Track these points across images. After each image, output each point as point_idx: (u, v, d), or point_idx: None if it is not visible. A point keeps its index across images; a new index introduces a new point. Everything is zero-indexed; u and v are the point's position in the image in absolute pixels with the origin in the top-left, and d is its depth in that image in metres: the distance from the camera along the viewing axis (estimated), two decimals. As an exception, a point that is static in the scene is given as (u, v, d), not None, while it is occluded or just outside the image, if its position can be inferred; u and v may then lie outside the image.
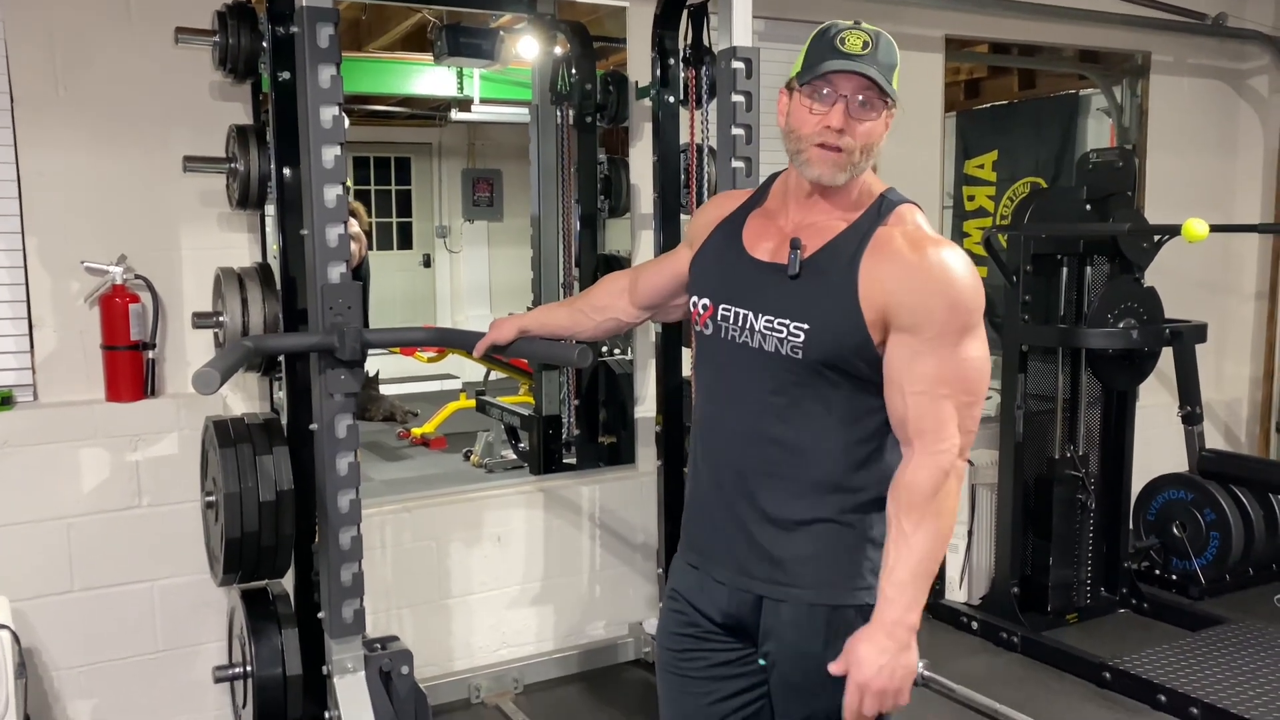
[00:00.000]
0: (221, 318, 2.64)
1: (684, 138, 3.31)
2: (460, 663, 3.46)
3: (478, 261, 8.96)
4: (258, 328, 2.61)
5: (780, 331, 1.58)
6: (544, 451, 4.16)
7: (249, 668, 2.52)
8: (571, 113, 4.06)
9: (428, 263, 9.01)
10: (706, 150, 3.28)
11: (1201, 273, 4.90)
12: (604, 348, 3.93)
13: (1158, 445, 4.39)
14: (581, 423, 4.09)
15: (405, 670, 2.50)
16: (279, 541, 2.44)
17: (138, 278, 2.86)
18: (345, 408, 2.37)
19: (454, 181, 8.76)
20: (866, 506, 1.61)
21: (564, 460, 4.15)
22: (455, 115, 7.02)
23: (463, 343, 2.33)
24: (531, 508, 3.58)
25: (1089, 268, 3.93)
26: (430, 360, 6.75)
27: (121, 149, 2.88)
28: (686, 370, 3.32)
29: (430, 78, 6.21)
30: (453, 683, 3.39)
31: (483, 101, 6.19)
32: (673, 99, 3.26)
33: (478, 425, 5.34)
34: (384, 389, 6.54)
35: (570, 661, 3.60)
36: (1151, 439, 4.32)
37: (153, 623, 2.94)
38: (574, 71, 3.96)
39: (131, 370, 2.85)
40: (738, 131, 2.69)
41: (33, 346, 2.84)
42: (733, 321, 1.65)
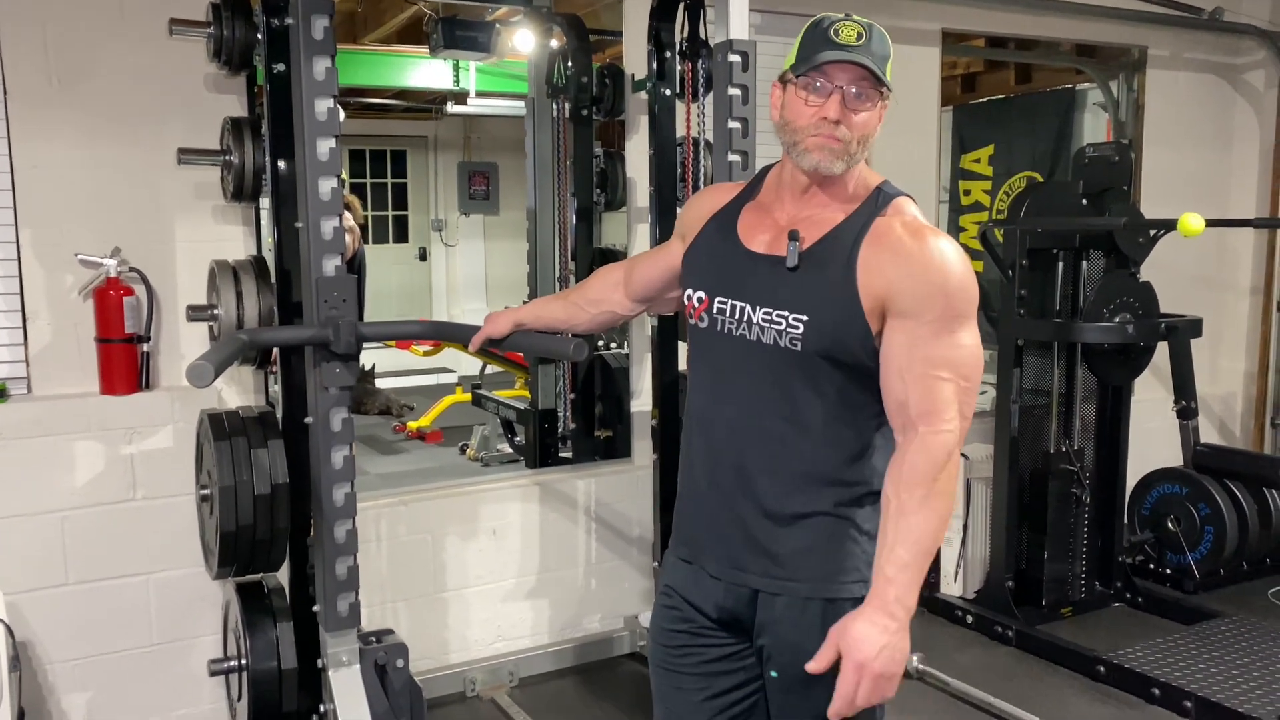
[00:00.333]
0: (216, 311, 2.63)
1: (680, 131, 3.31)
2: (455, 656, 3.46)
3: (473, 255, 8.97)
4: (252, 321, 2.61)
5: (779, 323, 1.58)
6: (540, 445, 4.16)
7: (244, 661, 2.52)
8: (568, 106, 4.05)
9: (423, 256, 9.01)
10: (703, 143, 3.27)
11: (1197, 267, 4.91)
12: (600, 341, 3.93)
13: (1153, 440, 4.40)
14: (577, 417, 4.09)
15: (400, 663, 2.50)
16: (274, 535, 2.44)
17: (132, 270, 2.86)
18: (340, 401, 2.36)
19: (450, 175, 8.76)
20: (861, 500, 1.61)
21: (560, 454, 4.15)
22: (451, 108, 7.00)
23: (458, 336, 2.32)
24: (527, 501, 3.58)
25: (1085, 262, 3.93)
26: (426, 354, 6.75)
27: (115, 141, 2.87)
28: (682, 364, 3.31)
29: (426, 70, 6.20)
30: (448, 676, 3.39)
31: (478, 94, 6.19)
32: (669, 92, 3.25)
33: (473, 419, 5.35)
34: (380, 383, 6.54)
35: (565, 655, 3.60)
36: (1146, 433, 4.34)
37: (148, 616, 2.94)
38: (570, 64, 3.96)
39: (126, 363, 2.84)
40: (734, 125, 2.69)
41: (27, 339, 2.83)
42: (729, 314, 1.64)
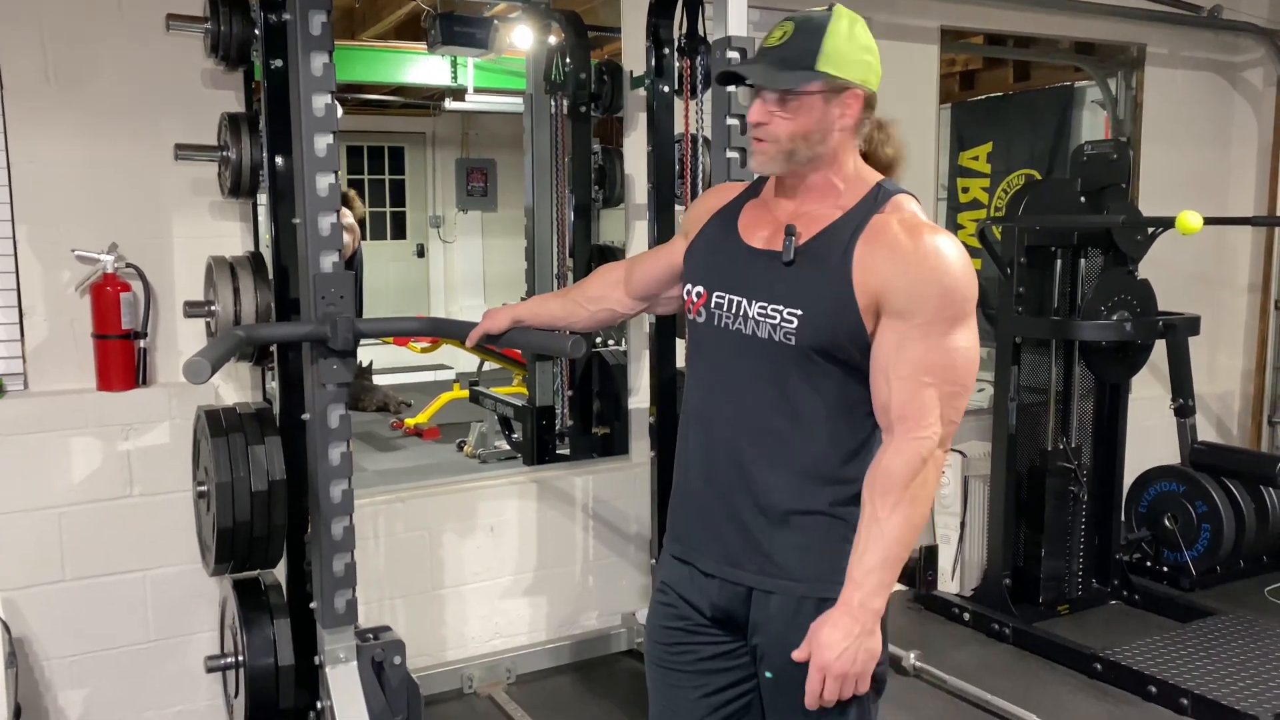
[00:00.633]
0: (213, 307, 2.63)
1: (679, 127, 3.30)
2: (453, 653, 3.46)
3: (471, 251, 8.96)
4: (250, 317, 2.61)
5: (773, 318, 1.57)
6: (537, 442, 4.16)
7: (241, 658, 2.51)
8: (566, 102, 4.04)
9: (421, 252, 9.00)
10: (701, 140, 3.27)
11: (1195, 265, 4.91)
12: (598, 338, 3.92)
13: (1150, 437, 4.40)
14: (575, 414, 4.09)
15: (398, 660, 2.50)
16: (271, 531, 2.43)
17: (129, 266, 2.85)
18: (338, 398, 2.36)
19: (448, 171, 8.75)
20: (856, 499, 1.60)
21: (557, 451, 4.15)
22: (449, 104, 6.99)
23: (456, 333, 2.32)
24: (525, 498, 3.57)
25: (1083, 260, 3.93)
26: (424, 351, 6.74)
27: (112, 137, 2.86)
28: (680, 361, 3.31)
29: (424, 66, 6.18)
30: (445, 673, 3.39)
31: (477, 91, 6.17)
32: (667, 89, 3.24)
33: (471, 416, 5.34)
34: (377, 379, 6.55)
35: (563, 652, 3.60)
36: (1144, 431, 4.34)
37: (144, 612, 2.94)
38: (568, 61, 3.95)
39: (123, 359, 2.84)
40: (732, 122, 2.69)
41: (23, 335, 2.82)
42: (726, 308, 1.64)
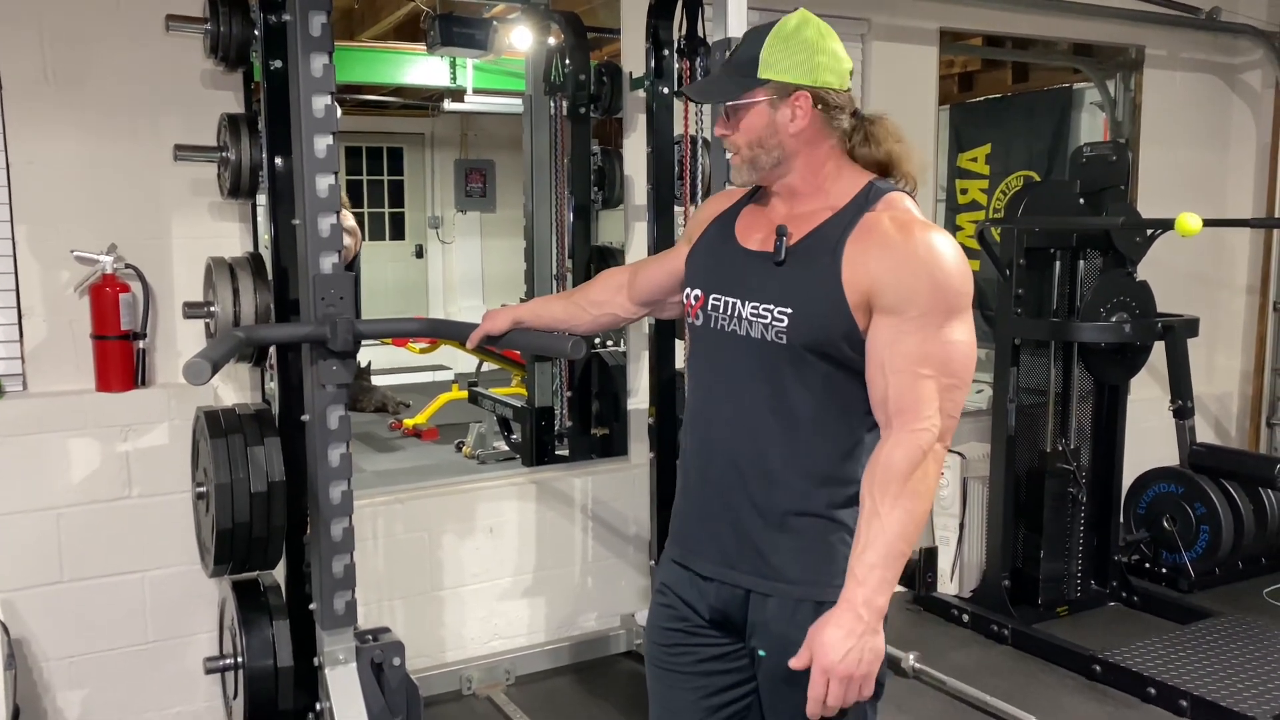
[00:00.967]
0: (213, 308, 2.62)
1: (678, 129, 3.30)
2: (452, 654, 3.46)
3: (470, 252, 8.95)
4: (249, 318, 2.60)
5: (765, 317, 1.58)
6: (536, 443, 4.16)
7: (240, 659, 2.51)
8: (565, 103, 4.04)
9: (420, 253, 9.00)
10: (701, 142, 3.27)
11: (1193, 266, 4.91)
12: (597, 340, 3.92)
13: (1149, 439, 4.40)
14: (574, 415, 4.09)
15: (397, 662, 2.49)
16: (270, 533, 2.43)
17: (128, 267, 2.85)
18: (337, 399, 2.35)
19: (447, 172, 8.74)
20: (851, 500, 1.59)
21: (556, 452, 4.15)
22: (448, 105, 6.99)
23: (456, 334, 2.32)
24: (524, 499, 3.57)
25: (1082, 261, 3.94)
26: (422, 351, 6.74)
27: (111, 137, 2.86)
28: (680, 363, 3.31)
29: (423, 67, 6.18)
30: (444, 674, 3.39)
31: (476, 92, 6.17)
32: (667, 90, 3.24)
33: (470, 416, 5.34)
34: (376, 380, 6.53)
35: (562, 653, 3.60)
36: (1143, 432, 4.34)
37: (143, 613, 2.93)
38: (568, 62, 3.95)
39: (122, 360, 2.83)
40: (732, 123, 2.68)
41: (22, 336, 2.82)
42: (722, 310, 1.65)
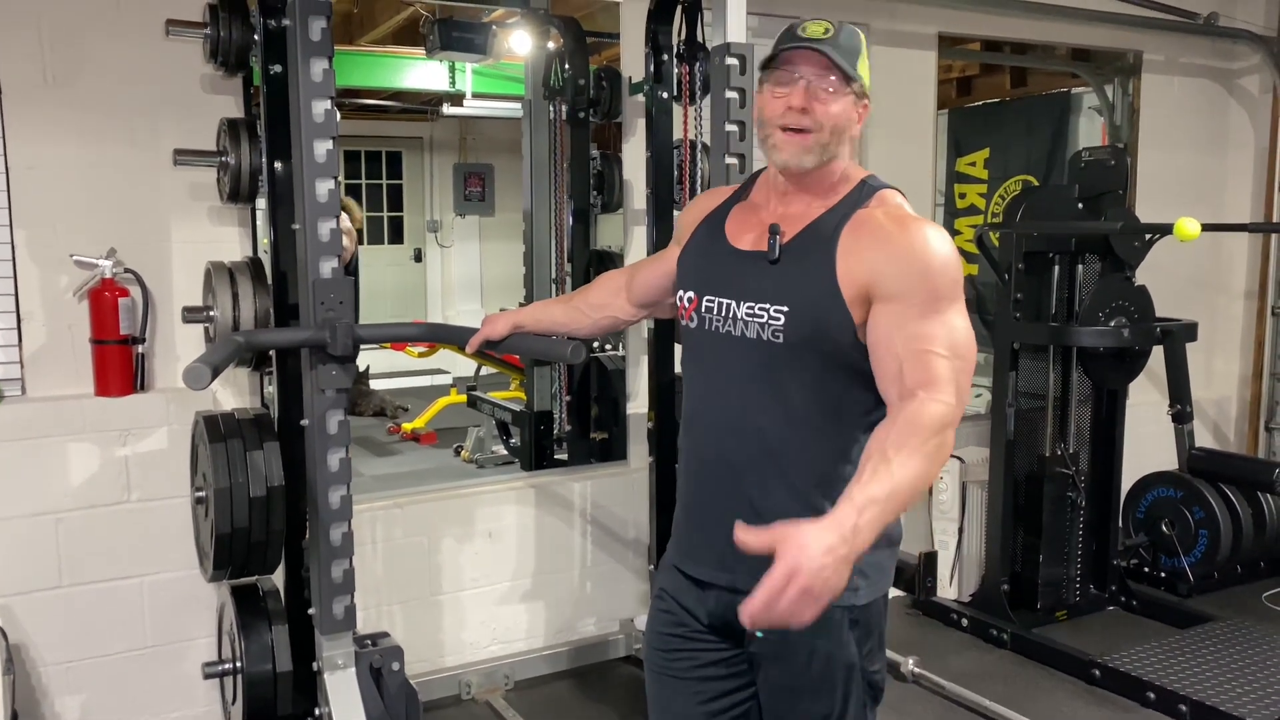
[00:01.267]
0: (212, 312, 2.62)
1: (677, 134, 3.31)
2: (451, 659, 3.45)
3: (469, 256, 8.96)
4: (248, 322, 2.60)
5: (761, 316, 1.58)
6: (535, 447, 4.16)
7: (239, 664, 2.51)
8: (564, 108, 4.04)
9: (419, 257, 9.00)
10: (700, 146, 3.27)
11: (1192, 271, 4.92)
12: (596, 343, 3.92)
13: (1147, 443, 4.40)
14: (573, 419, 4.09)
15: (396, 666, 2.50)
16: (269, 537, 2.43)
17: (127, 271, 2.85)
18: (336, 403, 2.36)
19: (445, 176, 8.74)
20: None
21: (555, 456, 4.15)
22: (447, 109, 7.00)
23: (456, 338, 2.32)
24: (523, 504, 3.57)
25: (1080, 266, 3.94)
26: (421, 355, 6.73)
27: (111, 141, 2.86)
28: (679, 366, 3.31)
29: (422, 72, 6.19)
30: (443, 679, 3.38)
31: (475, 96, 6.18)
32: (666, 95, 3.25)
33: (468, 420, 5.33)
34: (374, 384, 6.53)
35: (561, 658, 3.59)
36: (1141, 437, 4.34)
37: (142, 618, 2.93)
38: (567, 67, 3.95)
39: (121, 364, 2.83)
40: (731, 128, 2.69)
41: (21, 340, 2.82)
42: (716, 312, 1.64)
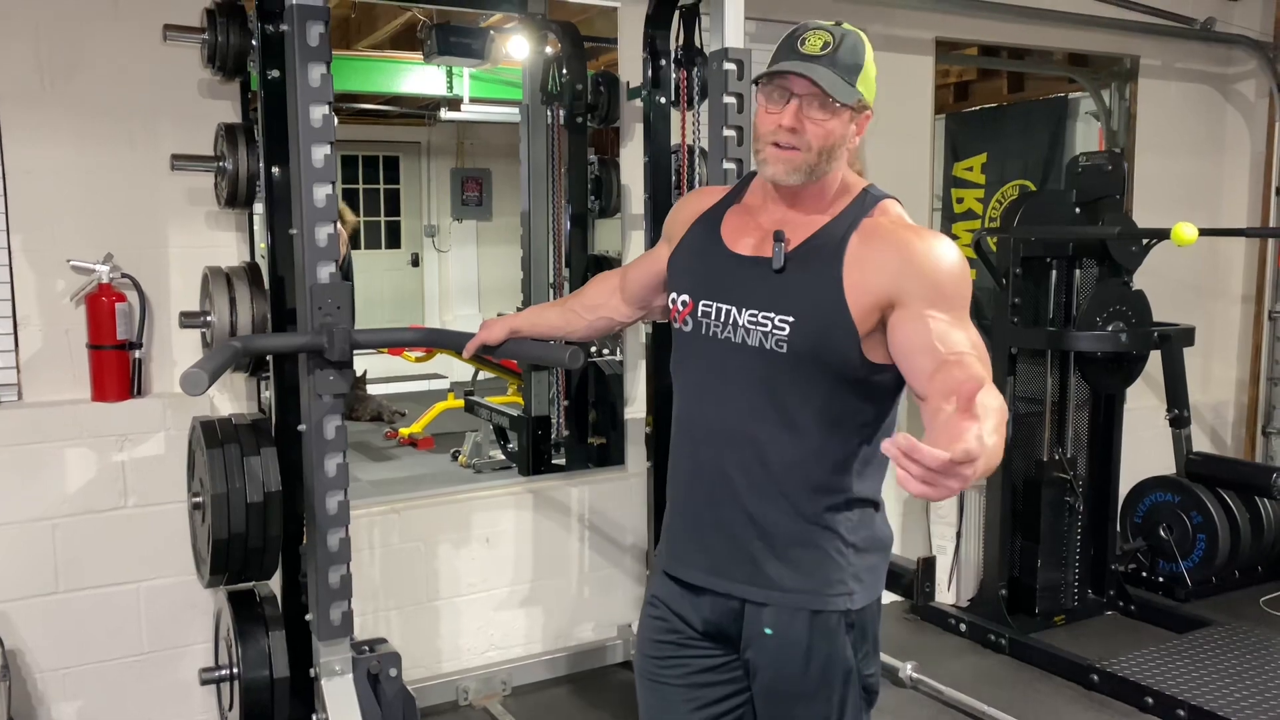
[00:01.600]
0: (209, 317, 2.61)
1: (675, 138, 3.31)
2: (448, 665, 3.44)
3: (466, 261, 8.96)
4: (246, 328, 2.60)
5: (765, 325, 1.56)
6: (533, 452, 4.15)
7: (236, 670, 2.50)
8: (562, 113, 4.05)
9: (416, 262, 9.00)
10: (698, 151, 3.27)
11: (1189, 276, 4.92)
12: (593, 348, 3.92)
13: (1145, 448, 4.41)
14: (571, 424, 4.08)
15: (393, 672, 2.49)
16: (266, 543, 2.42)
17: (124, 276, 2.84)
18: (334, 409, 2.35)
19: (443, 180, 8.75)
20: (849, 507, 1.59)
21: (553, 461, 4.14)
22: (444, 114, 7.01)
23: (452, 343, 2.32)
24: (520, 509, 3.56)
25: (1078, 270, 3.94)
26: (418, 360, 6.74)
27: (108, 146, 2.85)
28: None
29: (419, 76, 6.19)
30: (441, 684, 3.37)
31: (472, 101, 6.18)
32: (664, 100, 3.25)
33: (466, 425, 5.33)
34: (371, 388, 6.53)
35: (558, 663, 3.59)
36: (1139, 442, 4.34)
37: (138, 624, 2.92)
38: (565, 71, 3.95)
39: (118, 370, 2.83)
40: (729, 133, 2.70)
41: (17, 345, 2.81)
42: (714, 317, 1.62)
